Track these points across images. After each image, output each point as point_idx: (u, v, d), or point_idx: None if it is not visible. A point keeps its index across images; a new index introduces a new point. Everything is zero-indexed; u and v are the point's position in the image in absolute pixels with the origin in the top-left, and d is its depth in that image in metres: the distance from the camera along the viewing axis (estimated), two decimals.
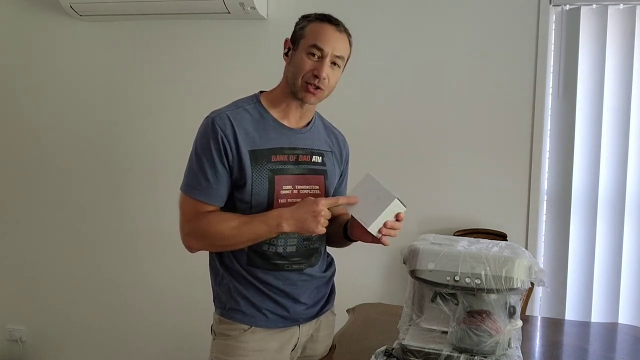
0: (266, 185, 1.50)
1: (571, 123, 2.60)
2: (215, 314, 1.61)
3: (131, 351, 3.12)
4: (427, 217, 2.71)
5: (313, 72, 1.49)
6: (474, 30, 2.64)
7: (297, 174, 1.55)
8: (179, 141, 2.96)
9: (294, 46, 1.54)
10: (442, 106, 2.69)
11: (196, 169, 1.50)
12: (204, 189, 1.49)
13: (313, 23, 1.53)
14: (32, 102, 3.11)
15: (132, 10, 2.79)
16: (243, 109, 1.54)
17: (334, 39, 1.50)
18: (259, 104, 1.57)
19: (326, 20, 1.53)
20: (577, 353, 1.75)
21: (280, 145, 1.54)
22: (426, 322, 1.55)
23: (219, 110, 1.54)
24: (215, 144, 1.48)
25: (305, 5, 2.77)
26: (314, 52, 1.49)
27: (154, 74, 2.97)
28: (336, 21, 1.54)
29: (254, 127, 1.52)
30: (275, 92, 1.59)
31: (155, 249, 3.04)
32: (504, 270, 1.42)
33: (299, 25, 1.56)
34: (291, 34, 1.58)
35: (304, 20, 1.56)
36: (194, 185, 1.50)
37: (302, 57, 1.50)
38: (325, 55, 1.49)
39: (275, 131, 1.55)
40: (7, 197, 3.19)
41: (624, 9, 2.53)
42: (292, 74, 1.52)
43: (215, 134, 1.49)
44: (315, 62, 1.49)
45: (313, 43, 1.49)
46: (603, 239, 2.60)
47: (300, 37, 1.52)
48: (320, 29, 1.51)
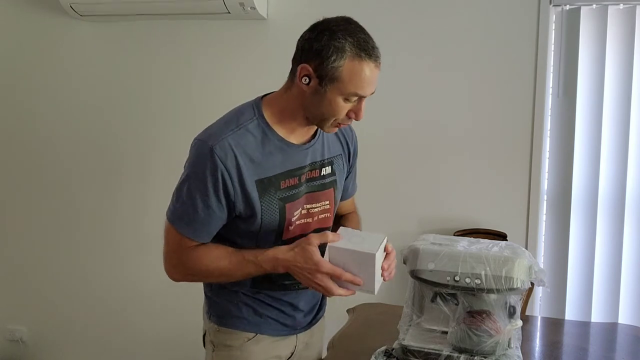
0: (277, 216, 1.37)
1: (571, 123, 2.60)
2: (211, 323, 1.50)
3: (131, 352, 3.11)
4: (427, 217, 2.71)
5: (349, 114, 1.33)
6: (474, 30, 2.64)
7: (306, 192, 1.43)
8: (179, 141, 2.96)
9: (322, 82, 1.28)
10: (442, 106, 2.69)
11: (186, 199, 1.33)
12: (192, 223, 1.33)
13: (350, 63, 1.26)
14: (32, 102, 3.11)
15: (132, 10, 2.79)
16: (245, 129, 1.33)
17: (374, 78, 1.30)
18: (261, 120, 1.36)
19: (365, 55, 1.27)
20: (577, 353, 1.75)
21: (288, 167, 1.38)
22: (426, 322, 1.55)
23: (218, 135, 1.32)
24: (212, 178, 1.29)
25: (305, 5, 2.78)
26: (352, 98, 1.30)
27: (154, 74, 2.97)
28: (373, 50, 1.29)
29: (258, 151, 1.33)
30: (282, 107, 1.37)
31: (157, 250, 3.03)
32: (504, 270, 1.42)
33: (331, 60, 1.26)
34: (310, 57, 1.30)
35: (335, 52, 1.26)
36: (181, 216, 1.34)
37: (337, 101, 1.29)
38: (364, 98, 1.32)
39: (282, 152, 1.36)
40: (8, 197, 3.19)
41: (624, 9, 2.53)
42: (320, 113, 1.33)
43: (214, 166, 1.29)
44: (352, 103, 1.31)
45: (353, 91, 1.28)
46: (603, 239, 2.60)
47: (334, 79, 1.27)
48: (361, 73, 1.27)
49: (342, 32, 1.29)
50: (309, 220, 1.45)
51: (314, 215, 1.46)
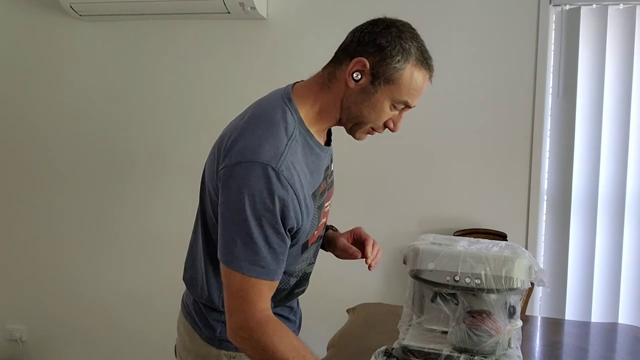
0: (316, 223, 1.30)
1: (571, 123, 2.60)
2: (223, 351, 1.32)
3: (131, 351, 3.11)
4: (427, 217, 2.71)
5: (386, 123, 1.24)
6: (474, 30, 2.64)
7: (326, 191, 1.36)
8: (179, 141, 2.97)
9: (375, 81, 1.17)
10: (442, 106, 2.69)
11: (257, 239, 1.11)
12: (268, 265, 1.13)
13: (412, 68, 1.18)
14: (31, 102, 3.11)
15: (132, 10, 2.79)
16: (295, 140, 1.17)
17: (424, 91, 1.23)
18: (302, 126, 1.21)
19: (427, 67, 1.21)
20: (577, 353, 1.75)
21: (324, 172, 1.30)
22: (426, 322, 1.55)
23: (276, 153, 1.12)
24: (283, 206, 1.12)
25: (305, 5, 2.78)
26: (399, 106, 1.22)
27: (153, 74, 2.97)
28: (431, 61, 1.23)
29: (305, 160, 1.20)
30: (318, 106, 1.24)
31: (157, 251, 3.03)
32: (504, 270, 1.42)
33: (395, 58, 1.17)
34: (371, 52, 1.18)
35: (402, 53, 1.17)
36: (252, 260, 1.12)
37: (384, 106, 1.20)
38: (406, 109, 1.24)
39: (318, 158, 1.26)
40: (8, 197, 3.19)
41: (624, 9, 2.53)
42: (359, 114, 1.21)
43: (286, 191, 1.11)
44: (396, 111, 1.23)
45: (405, 99, 1.20)
46: (603, 239, 2.60)
47: (391, 80, 1.17)
48: (418, 83, 1.20)
49: (409, 34, 1.21)
50: (324, 220, 1.40)
51: (327, 213, 1.41)
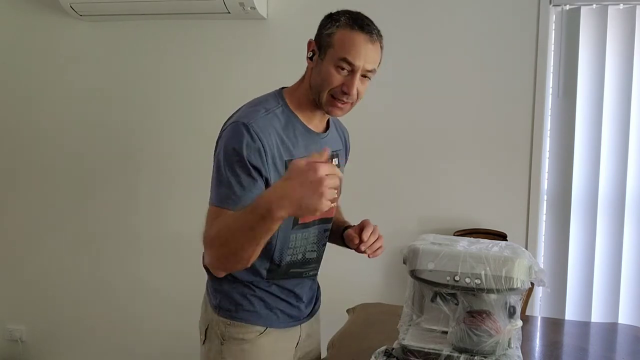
0: None
1: (571, 123, 2.60)
2: (220, 317, 1.52)
3: (131, 351, 3.11)
4: (427, 217, 2.71)
5: (341, 87, 1.38)
6: (474, 30, 2.64)
7: None
8: (178, 141, 2.97)
9: (320, 52, 1.40)
10: (442, 106, 2.69)
11: (230, 178, 1.32)
12: (238, 200, 1.30)
13: (342, 30, 1.37)
14: (31, 102, 3.11)
15: (132, 10, 2.79)
16: (273, 113, 1.40)
17: (366, 52, 1.36)
18: (286, 107, 1.44)
19: (357, 27, 1.36)
20: (577, 353, 1.75)
21: (310, 152, 1.41)
22: (426, 322, 1.55)
23: (251, 116, 1.36)
24: (251, 152, 1.32)
25: (305, 5, 2.78)
26: (343, 66, 1.36)
27: (154, 74, 2.97)
28: (368, 27, 1.38)
29: (285, 134, 1.40)
30: (299, 94, 1.47)
31: (157, 250, 3.04)
32: (504, 270, 1.42)
33: (326, 29, 1.40)
34: (316, 35, 1.44)
35: (331, 22, 1.40)
36: (228, 196, 1.32)
37: (329, 69, 1.37)
38: (355, 70, 1.37)
39: (304, 138, 1.45)
40: (7, 197, 3.19)
41: (624, 9, 2.53)
42: (317, 84, 1.41)
43: (253, 140, 1.32)
44: (344, 76, 1.37)
45: (342, 56, 1.35)
46: (603, 239, 2.60)
47: (328, 45, 1.38)
48: (350, 40, 1.36)
49: (343, 12, 1.42)
50: None
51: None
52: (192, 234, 3.01)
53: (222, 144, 1.37)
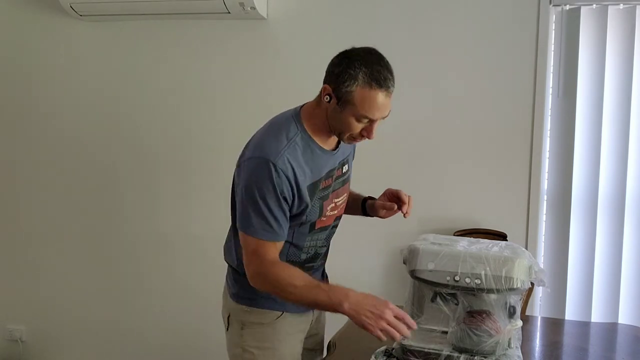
0: (317, 212, 1.58)
1: (571, 123, 2.60)
2: (240, 305, 1.65)
3: (131, 351, 3.11)
4: (427, 217, 2.71)
5: (361, 132, 1.50)
6: (474, 30, 2.64)
7: (333, 191, 1.63)
8: (178, 140, 2.97)
9: (339, 102, 1.46)
10: (442, 106, 2.69)
11: (265, 212, 1.47)
12: (274, 230, 1.49)
13: (361, 89, 1.43)
14: (31, 102, 3.11)
15: (132, 10, 2.79)
16: (295, 143, 1.51)
17: (385, 105, 1.47)
18: (304, 133, 1.54)
19: (376, 85, 1.43)
20: (577, 353, 1.75)
21: (326, 171, 1.58)
22: (426, 322, 1.55)
23: (276, 152, 1.48)
24: (280, 188, 1.47)
25: (305, 5, 2.78)
26: (363, 120, 1.47)
27: (154, 74, 2.97)
28: (385, 81, 1.44)
29: (305, 161, 1.52)
30: (316, 121, 1.55)
31: (155, 248, 3.04)
32: (504, 270, 1.42)
33: (345, 85, 1.44)
34: (330, 80, 1.47)
35: (350, 79, 1.43)
36: (262, 227, 1.48)
37: (350, 120, 1.48)
38: (375, 121, 1.49)
39: (321, 159, 1.57)
40: (7, 197, 3.19)
41: (624, 9, 2.53)
42: (337, 128, 1.52)
43: (280, 179, 1.46)
44: (364, 124, 1.49)
45: (364, 114, 1.45)
46: (603, 239, 2.60)
47: (347, 102, 1.45)
48: (370, 100, 1.44)
49: (359, 62, 1.44)
50: (335, 212, 1.67)
51: (339, 207, 1.68)
52: (190, 234, 3.02)
53: (252, 179, 1.48)
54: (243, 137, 1.55)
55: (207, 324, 2.86)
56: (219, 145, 2.91)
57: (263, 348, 1.63)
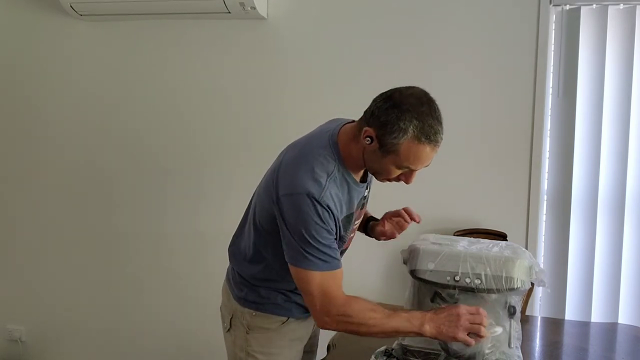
0: (346, 240, 1.60)
1: (571, 123, 2.60)
2: (246, 308, 1.64)
3: (131, 351, 3.11)
4: (427, 217, 2.68)
5: (399, 177, 1.49)
6: (474, 30, 2.64)
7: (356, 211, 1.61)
8: (178, 141, 2.97)
9: (381, 147, 1.40)
10: (442, 106, 2.67)
11: (318, 247, 1.43)
12: (332, 258, 1.45)
13: (410, 142, 1.37)
14: (31, 102, 3.11)
15: (132, 10, 2.79)
16: (334, 177, 1.46)
17: (429, 159, 1.44)
18: (341, 166, 1.49)
19: (425, 140, 1.38)
20: (577, 353, 1.75)
21: (357, 201, 1.57)
22: None
23: (319, 188, 1.42)
24: (327, 222, 1.43)
25: (305, 5, 2.78)
26: (404, 168, 1.45)
27: (154, 74, 2.97)
28: (435, 136, 1.40)
29: (342, 193, 1.49)
30: (353, 157, 1.49)
31: (155, 249, 3.03)
32: (504, 271, 1.42)
33: (392, 135, 1.37)
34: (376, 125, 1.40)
35: (399, 130, 1.37)
36: (320, 259, 1.44)
37: (390, 167, 1.44)
38: (415, 170, 1.46)
39: (355, 192, 1.54)
40: (7, 197, 3.19)
41: (624, 9, 2.53)
42: (374, 170, 1.50)
43: (325, 214, 1.43)
44: (403, 171, 1.46)
45: (407, 165, 1.42)
46: (603, 239, 2.60)
47: (392, 151, 1.39)
48: (417, 152, 1.39)
49: (410, 114, 1.38)
50: (353, 235, 1.67)
51: (355, 229, 1.68)
52: (191, 235, 3.02)
53: (299, 217, 1.42)
54: (243, 137, 1.55)
55: (208, 324, 2.86)
56: (219, 144, 2.91)
57: (267, 353, 1.63)
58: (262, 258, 1.60)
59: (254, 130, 2.85)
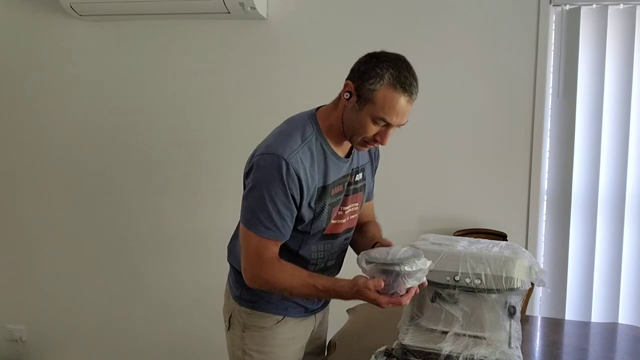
0: (325, 218, 1.56)
1: (571, 123, 2.60)
2: (242, 307, 1.65)
3: (131, 351, 3.11)
4: (427, 217, 2.71)
5: (375, 136, 1.47)
6: (474, 30, 2.64)
7: (344, 195, 1.60)
8: (178, 141, 2.97)
9: (359, 100, 1.44)
10: (442, 106, 2.69)
11: (271, 209, 1.45)
12: (278, 229, 1.47)
13: (385, 89, 1.41)
14: (31, 102, 3.11)
15: (132, 10, 2.79)
16: (309, 144, 1.49)
17: (404, 111, 1.44)
18: (319, 135, 1.52)
19: (400, 88, 1.41)
20: (577, 353, 1.75)
21: (338, 176, 1.56)
22: (426, 322, 1.55)
23: (289, 149, 1.45)
24: (289, 185, 1.44)
25: (305, 6, 2.78)
26: (380, 122, 1.44)
27: (153, 74, 2.97)
28: (410, 86, 1.43)
29: (318, 163, 1.51)
30: (331, 122, 1.53)
31: (156, 248, 3.04)
32: (504, 271, 1.42)
33: (369, 82, 1.42)
34: (354, 77, 1.45)
35: (376, 77, 1.42)
36: (266, 225, 1.46)
37: (366, 121, 1.45)
38: (391, 126, 1.46)
39: (334, 165, 1.55)
40: (7, 197, 3.19)
41: (624, 9, 2.53)
42: (351, 128, 1.48)
43: (290, 177, 1.44)
44: (379, 127, 1.46)
45: (382, 116, 1.43)
46: (603, 239, 2.60)
47: (368, 100, 1.42)
48: (392, 102, 1.41)
49: (387, 63, 1.43)
50: (342, 221, 1.62)
51: (346, 215, 1.63)
52: (192, 234, 3.02)
53: (262, 174, 1.46)
54: (243, 136, 1.56)
55: (209, 323, 2.87)
56: (219, 144, 2.91)
57: (263, 352, 1.63)
58: None
59: (254, 130, 2.84)
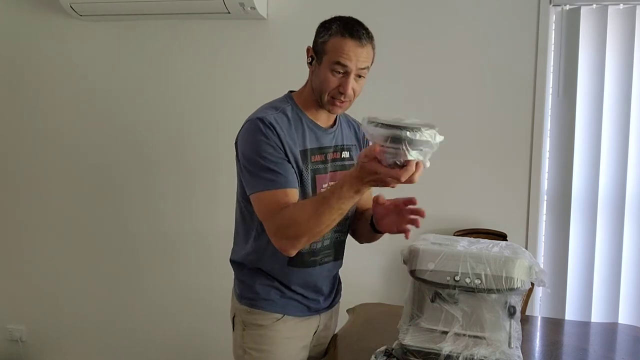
0: (310, 184, 1.57)
1: (571, 123, 2.60)
2: (242, 305, 1.65)
3: (131, 351, 3.11)
4: (427, 217, 2.69)
5: (338, 88, 1.52)
6: (474, 30, 2.64)
7: (330, 171, 1.62)
8: (178, 141, 2.97)
9: (317, 58, 1.54)
10: (442, 106, 2.69)
11: (269, 164, 1.49)
12: (279, 174, 1.49)
13: (334, 38, 1.51)
14: (31, 102, 3.11)
15: (132, 10, 2.79)
16: (283, 111, 1.57)
17: (356, 55, 1.50)
18: (295, 106, 1.60)
19: (347, 34, 1.50)
20: (577, 353, 1.75)
21: (317, 145, 1.60)
22: (426, 322, 1.54)
23: (264, 114, 1.54)
24: (271, 136, 1.50)
25: (305, 5, 2.78)
26: (337, 69, 1.50)
27: (153, 74, 2.97)
28: (357, 32, 1.51)
29: (295, 128, 1.56)
30: (305, 95, 1.61)
31: (156, 248, 3.04)
32: (504, 271, 1.42)
33: (320, 37, 1.54)
34: (313, 42, 1.57)
35: (325, 31, 1.54)
36: (267, 178, 1.48)
37: (326, 74, 1.52)
38: (349, 72, 1.51)
39: (312, 132, 1.60)
40: (8, 197, 3.19)
41: (624, 9, 2.53)
42: (317, 87, 1.55)
43: (269, 130, 1.50)
44: (339, 78, 1.51)
45: (336, 60, 1.50)
46: (603, 239, 2.60)
47: (323, 52, 1.52)
48: (342, 46, 1.49)
49: (335, 19, 1.56)
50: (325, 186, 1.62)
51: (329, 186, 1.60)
52: (192, 233, 3.02)
53: (245, 139, 1.54)
54: None
55: (210, 324, 2.87)
56: (219, 144, 2.90)
57: (261, 350, 1.63)
58: (248, 229, 1.62)
59: None
